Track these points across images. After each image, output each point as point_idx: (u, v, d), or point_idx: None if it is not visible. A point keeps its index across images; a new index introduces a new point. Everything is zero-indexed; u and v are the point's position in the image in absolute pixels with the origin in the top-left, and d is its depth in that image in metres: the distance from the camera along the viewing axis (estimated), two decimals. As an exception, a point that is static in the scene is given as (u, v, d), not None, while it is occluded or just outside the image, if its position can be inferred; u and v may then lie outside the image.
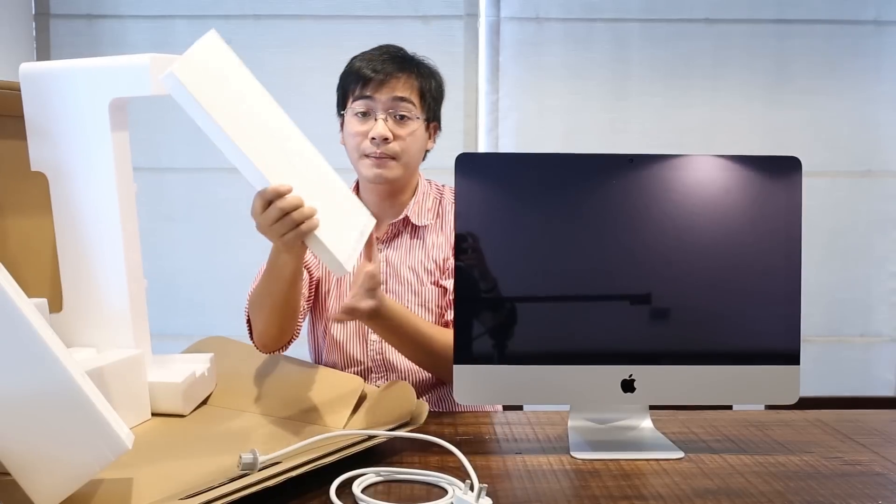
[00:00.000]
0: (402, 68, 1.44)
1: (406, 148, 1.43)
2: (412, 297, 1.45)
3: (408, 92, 1.43)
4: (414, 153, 1.45)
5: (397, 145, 1.42)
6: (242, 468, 0.91)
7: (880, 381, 2.80)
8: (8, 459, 0.81)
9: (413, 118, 1.43)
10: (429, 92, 1.46)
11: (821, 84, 2.72)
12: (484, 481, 0.93)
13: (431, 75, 1.48)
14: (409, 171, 1.46)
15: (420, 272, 1.47)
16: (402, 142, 1.42)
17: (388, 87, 1.42)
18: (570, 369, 1.12)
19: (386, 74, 1.42)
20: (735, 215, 1.12)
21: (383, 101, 1.41)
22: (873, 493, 0.97)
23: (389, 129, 1.41)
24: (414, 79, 1.44)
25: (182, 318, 2.71)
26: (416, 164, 1.49)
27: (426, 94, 1.46)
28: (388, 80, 1.42)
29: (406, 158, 1.43)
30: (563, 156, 1.17)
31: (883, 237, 2.78)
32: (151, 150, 2.67)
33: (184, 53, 1.01)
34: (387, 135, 1.40)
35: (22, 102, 1.15)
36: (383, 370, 1.46)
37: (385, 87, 1.42)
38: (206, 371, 1.23)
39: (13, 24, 2.62)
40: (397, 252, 1.48)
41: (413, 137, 1.43)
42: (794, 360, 1.12)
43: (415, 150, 1.45)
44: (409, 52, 1.49)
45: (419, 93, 1.44)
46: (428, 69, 1.49)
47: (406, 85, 1.43)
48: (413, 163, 1.46)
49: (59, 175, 1.16)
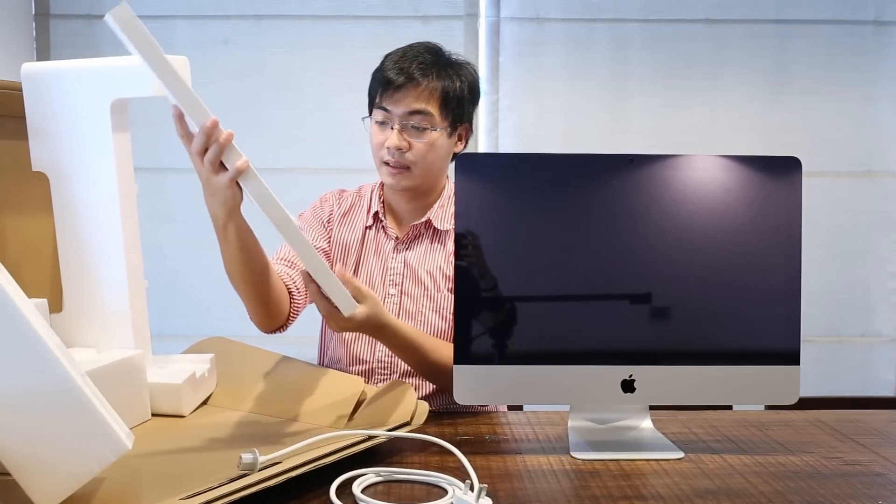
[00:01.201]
0: (426, 73, 1.41)
1: (422, 157, 1.42)
2: (427, 301, 1.45)
3: (424, 102, 1.40)
4: (431, 161, 1.44)
5: (412, 155, 1.41)
6: (242, 468, 0.90)
7: (880, 381, 2.80)
8: (8, 459, 0.81)
9: (430, 129, 1.41)
10: (453, 96, 1.43)
11: (821, 84, 2.73)
12: (484, 481, 0.93)
13: (459, 76, 1.45)
14: (428, 177, 1.46)
15: (437, 277, 1.46)
16: (419, 151, 1.41)
17: (403, 98, 1.40)
18: (570, 369, 1.12)
19: (406, 79, 1.40)
20: (735, 215, 1.12)
21: (399, 113, 1.40)
22: (873, 493, 0.97)
23: (405, 139, 1.41)
24: (437, 82, 1.41)
25: (182, 318, 2.72)
26: (438, 170, 1.48)
27: (450, 99, 1.42)
28: (405, 88, 1.40)
29: (422, 167, 1.43)
30: (563, 156, 1.17)
31: (883, 237, 2.78)
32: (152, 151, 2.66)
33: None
34: (401, 145, 1.40)
35: (23, 102, 1.15)
36: (387, 371, 1.46)
37: (401, 98, 1.40)
38: (207, 372, 1.23)
39: (13, 24, 2.62)
40: (416, 254, 1.48)
41: (430, 147, 1.42)
42: (794, 361, 1.12)
43: (433, 158, 1.43)
44: (439, 52, 1.46)
45: (441, 98, 1.41)
46: (457, 70, 1.45)
47: (424, 93, 1.40)
48: (432, 170, 1.45)
49: (60, 175, 1.16)
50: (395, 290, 1.46)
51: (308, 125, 2.71)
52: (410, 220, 1.51)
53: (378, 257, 1.50)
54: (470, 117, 1.50)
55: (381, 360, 1.46)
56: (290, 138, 2.71)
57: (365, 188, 1.58)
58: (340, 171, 2.67)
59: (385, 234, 1.51)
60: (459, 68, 1.46)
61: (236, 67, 2.69)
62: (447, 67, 1.44)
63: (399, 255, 1.48)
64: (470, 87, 1.47)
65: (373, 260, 1.50)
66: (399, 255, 1.48)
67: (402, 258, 1.48)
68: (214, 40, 2.69)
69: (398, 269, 1.47)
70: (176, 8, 2.69)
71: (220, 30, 2.70)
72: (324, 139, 2.70)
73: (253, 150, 2.60)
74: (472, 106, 1.49)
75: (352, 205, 1.56)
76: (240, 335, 1.40)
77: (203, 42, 2.69)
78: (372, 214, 1.52)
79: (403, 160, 1.41)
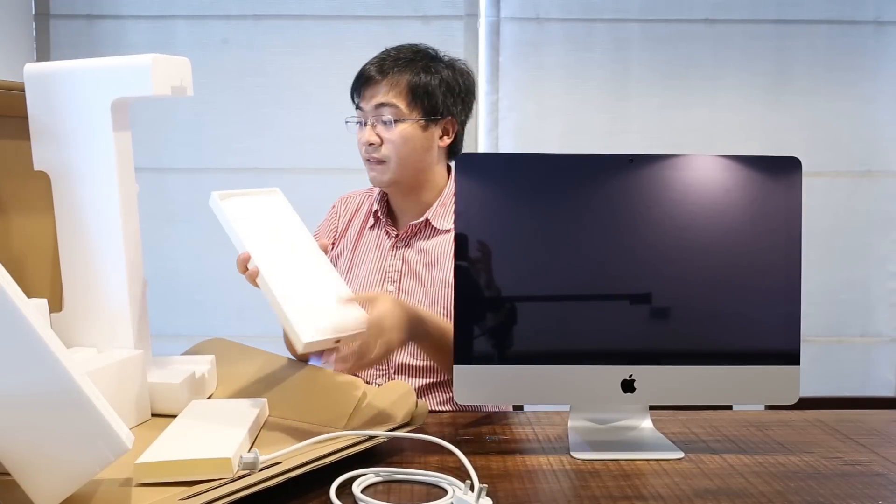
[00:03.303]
0: (389, 69, 1.45)
1: (395, 151, 1.45)
2: (425, 298, 1.46)
3: (390, 96, 1.44)
4: (406, 154, 1.45)
5: (385, 149, 1.45)
6: (242, 468, 0.91)
7: (880, 381, 2.80)
8: (8, 459, 0.81)
9: (399, 121, 1.44)
10: (422, 87, 1.45)
11: (821, 84, 2.72)
12: (484, 481, 0.93)
13: (433, 70, 1.47)
14: (407, 171, 1.47)
15: (436, 275, 1.48)
16: (391, 144, 1.45)
17: (370, 94, 1.46)
18: (570, 369, 1.12)
19: (368, 79, 1.46)
20: (735, 215, 1.12)
21: (368, 109, 1.46)
22: (873, 494, 0.97)
23: (377, 134, 1.45)
24: (398, 77, 1.44)
25: (182, 318, 2.71)
26: (417, 163, 1.48)
27: (417, 91, 1.45)
28: (370, 86, 1.46)
29: (396, 160, 1.45)
30: (563, 156, 1.17)
31: (883, 237, 2.78)
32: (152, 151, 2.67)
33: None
34: (371, 139, 1.45)
35: (22, 102, 1.15)
36: (386, 371, 1.46)
37: (368, 95, 1.46)
38: (207, 372, 1.23)
39: (13, 24, 2.62)
40: (414, 252, 1.50)
41: (402, 139, 1.44)
42: (794, 360, 1.12)
43: (406, 151, 1.45)
44: (423, 51, 1.49)
45: (406, 91, 1.44)
46: (433, 65, 1.48)
47: (387, 88, 1.44)
48: (409, 163, 1.46)
49: (61, 175, 1.16)
50: (394, 288, 1.47)
51: (308, 125, 2.71)
52: (409, 218, 1.52)
53: (377, 255, 1.51)
54: (451, 111, 1.49)
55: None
56: (290, 138, 2.71)
57: (375, 188, 1.60)
58: (340, 171, 2.66)
59: (385, 232, 1.53)
60: (438, 63, 1.49)
61: (236, 67, 2.69)
62: (421, 62, 1.47)
63: (398, 253, 1.50)
64: (448, 81, 1.48)
65: (372, 258, 1.51)
66: (398, 253, 1.50)
67: (400, 255, 1.49)
68: (214, 40, 2.69)
69: (396, 267, 1.49)
70: (176, 8, 2.69)
71: (220, 30, 2.70)
72: (324, 139, 2.70)
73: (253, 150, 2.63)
74: (453, 99, 1.49)
75: (358, 206, 1.60)
76: (239, 335, 1.40)
77: (203, 42, 2.69)
78: (372, 214, 1.54)
79: (378, 154, 1.45)
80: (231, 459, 0.90)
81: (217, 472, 0.90)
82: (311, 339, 1.08)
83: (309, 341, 1.08)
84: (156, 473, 0.89)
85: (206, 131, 2.70)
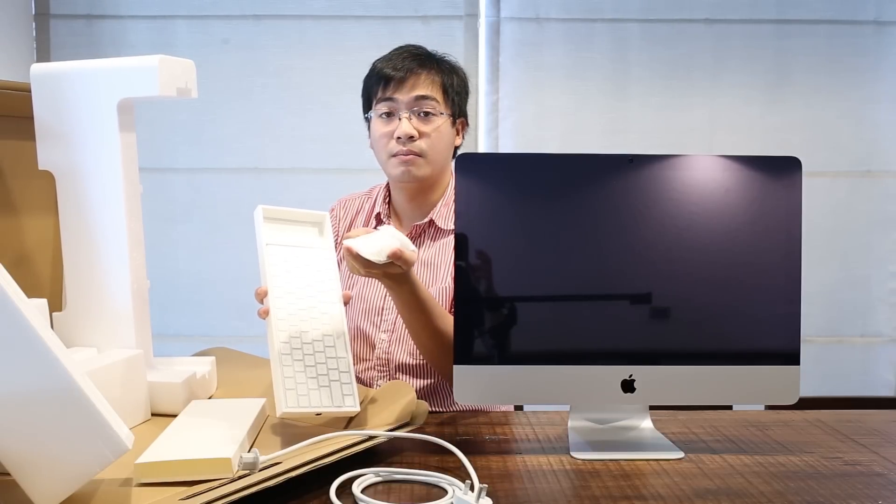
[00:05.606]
0: (423, 65, 1.45)
1: (432, 145, 1.44)
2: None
3: (429, 89, 1.44)
4: (441, 150, 1.46)
5: (423, 142, 1.43)
6: (242, 468, 0.91)
7: (880, 381, 2.80)
8: (8, 459, 0.81)
9: (437, 114, 1.44)
10: (451, 87, 1.48)
11: (821, 84, 2.73)
12: (484, 481, 0.93)
13: (453, 71, 1.50)
14: (437, 168, 1.47)
15: (438, 274, 1.47)
16: (428, 139, 1.43)
17: (409, 86, 1.43)
18: (570, 369, 1.12)
19: (407, 72, 1.43)
20: (735, 215, 1.12)
21: (406, 101, 1.43)
22: (873, 494, 0.97)
23: (414, 127, 1.42)
24: (435, 74, 1.46)
25: (182, 318, 2.71)
26: (445, 162, 1.49)
27: (449, 90, 1.47)
28: (409, 78, 1.43)
29: (433, 155, 1.45)
30: (562, 156, 1.17)
31: (883, 237, 2.78)
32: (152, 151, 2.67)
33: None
34: (412, 132, 1.42)
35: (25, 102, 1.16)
36: (387, 372, 1.46)
37: (406, 86, 1.43)
38: (207, 373, 1.23)
39: (13, 24, 2.62)
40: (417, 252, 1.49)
41: (439, 134, 1.45)
42: (794, 361, 1.12)
43: (441, 147, 1.46)
44: (429, 50, 1.50)
45: (442, 88, 1.46)
46: (449, 65, 1.50)
47: (427, 81, 1.44)
48: (440, 160, 1.47)
49: (67, 174, 1.16)
50: None
51: (308, 125, 2.71)
52: (413, 219, 1.51)
53: None
54: (465, 113, 1.53)
55: (381, 360, 1.46)
56: (290, 138, 2.71)
57: (375, 189, 1.59)
58: (340, 171, 2.67)
59: None
60: (450, 64, 1.51)
61: (236, 67, 2.69)
62: (439, 62, 1.49)
63: None
64: (462, 82, 1.51)
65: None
66: None
67: None
68: (214, 40, 2.69)
69: None
70: (176, 8, 2.69)
71: (220, 30, 2.70)
72: (324, 139, 2.70)
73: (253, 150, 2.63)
74: (465, 101, 1.53)
75: (358, 209, 1.59)
76: (239, 335, 1.41)
77: (203, 42, 2.69)
78: (374, 215, 1.53)
79: (415, 148, 1.43)
80: (231, 459, 0.90)
81: (217, 472, 0.90)
82: (289, 410, 1.06)
83: (286, 411, 1.06)
84: (156, 473, 0.89)
85: (205, 131, 2.70)
